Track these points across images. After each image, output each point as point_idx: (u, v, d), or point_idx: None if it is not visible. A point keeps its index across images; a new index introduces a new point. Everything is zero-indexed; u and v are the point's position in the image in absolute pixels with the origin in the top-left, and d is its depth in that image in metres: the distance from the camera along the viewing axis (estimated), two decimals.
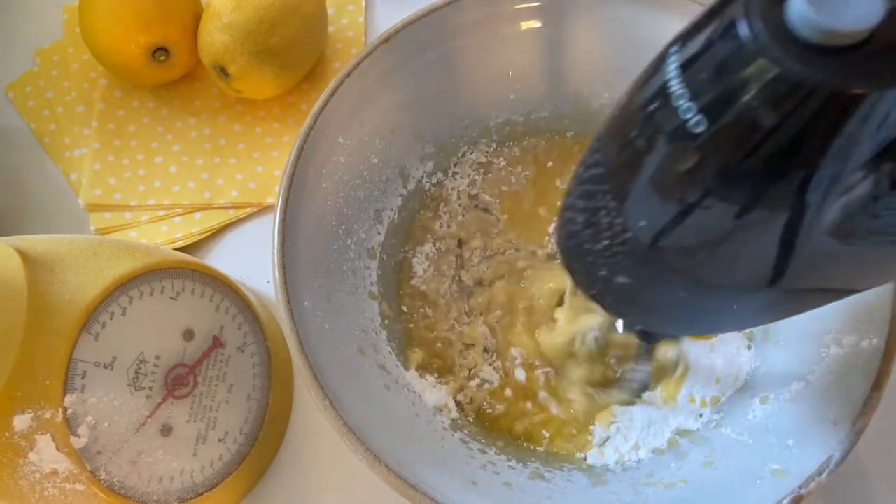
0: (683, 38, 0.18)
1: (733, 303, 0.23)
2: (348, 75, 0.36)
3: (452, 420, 0.36)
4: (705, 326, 0.28)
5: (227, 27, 0.42)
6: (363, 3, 0.51)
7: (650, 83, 0.19)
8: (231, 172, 0.46)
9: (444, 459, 0.33)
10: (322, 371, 0.31)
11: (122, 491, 0.32)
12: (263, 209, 0.45)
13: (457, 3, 0.38)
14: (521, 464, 0.35)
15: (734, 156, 0.17)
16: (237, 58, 0.43)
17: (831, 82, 0.15)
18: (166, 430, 0.33)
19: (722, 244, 0.19)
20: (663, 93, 0.18)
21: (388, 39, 0.37)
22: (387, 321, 0.38)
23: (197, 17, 0.45)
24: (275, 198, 0.34)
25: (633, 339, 0.37)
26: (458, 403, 0.37)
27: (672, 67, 0.18)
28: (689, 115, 0.17)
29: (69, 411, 0.30)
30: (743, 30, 0.16)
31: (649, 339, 0.35)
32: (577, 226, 0.23)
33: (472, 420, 0.37)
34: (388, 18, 0.51)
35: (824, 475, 0.29)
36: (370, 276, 0.38)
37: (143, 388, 0.33)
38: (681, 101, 0.17)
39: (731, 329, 0.30)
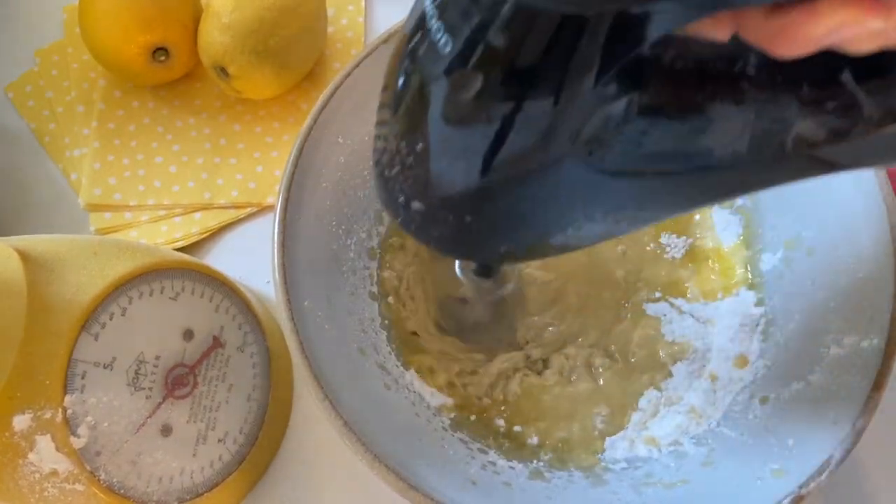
0: None
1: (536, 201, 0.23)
2: (348, 75, 0.36)
3: (452, 420, 0.36)
4: (512, 239, 0.27)
5: (227, 27, 0.42)
6: (363, 3, 0.51)
7: (413, 16, 0.21)
8: (231, 172, 0.46)
9: (444, 459, 0.33)
10: (322, 371, 0.31)
11: (122, 491, 0.32)
12: (263, 209, 0.45)
13: None
14: (521, 464, 0.35)
15: (492, 74, 0.19)
16: (237, 58, 0.43)
17: (547, 5, 0.17)
18: (166, 431, 0.33)
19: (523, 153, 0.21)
20: (423, 21, 0.19)
21: (388, 39, 0.37)
22: (387, 321, 0.38)
23: (197, 17, 0.45)
24: (275, 198, 0.34)
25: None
26: (457, 405, 0.37)
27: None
28: (438, 36, 0.19)
29: (69, 411, 0.30)
30: None
31: (486, 273, 0.36)
32: (377, 153, 0.24)
33: (472, 420, 0.37)
34: (388, 18, 0.51)
35: (824, 475, 0.29)
36: (370, 276, 0.38)
37: (143, 389, 0.33)
38: (432, 22, 0.19)
39: (557, 249, 0.28)
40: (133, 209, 0.45)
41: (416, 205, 0.24)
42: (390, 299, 0.39)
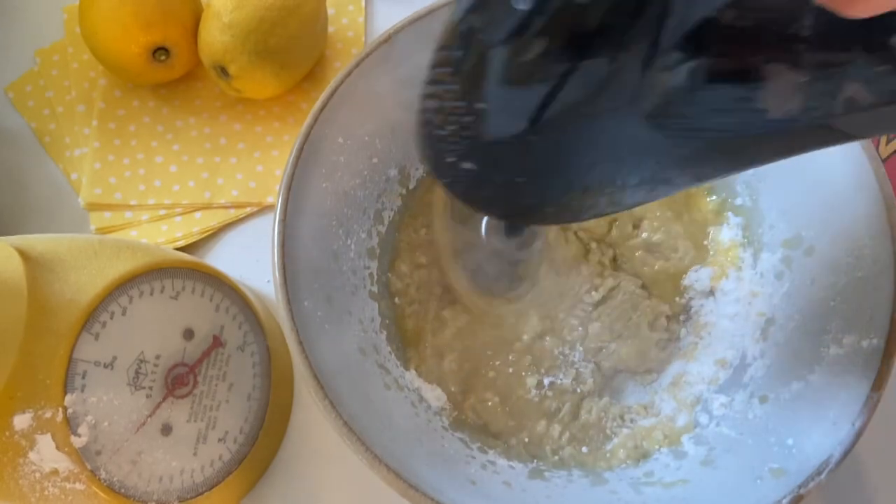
0: None
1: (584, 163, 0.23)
2: (348, 75, 0.36)
3: (452, 420, 0.37)
4: (554, 204, 0.28)
5: (227, 27, 0.42)
6: (363, 3, 0.51)
7: None
8: (231, 172, 0.46)
9: (444, 459, 0.33)
10: (322, 371, 0.31)
11: (122, 490, 0.32)
12: (263, 209, 0.45)
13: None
14: (521, 463, 0.35)
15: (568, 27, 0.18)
16: (237, 57, 0.43)
17: None
18: (166, 430, 0.33)
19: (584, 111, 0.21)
20: None
21: (388, 39, 0.37)
22: (387, 321, 0.38)
23: (197, 17, 0.45)
24: (275, 197, 0.34)
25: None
26: (456, 404, 0.37)
27: None
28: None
29: (69, 411, 0.30)
30: None
31: (515, 231, 0.36)
32: (429, 113, 0.23)
33: (472, 422, 0.37)
34: (388, 18, 0.51)
35: (824, 475, 0.29)
36: (370, 276, 0.38)
37: (144, 388, 0.33)
38: None
39: (595, 210, 0.28)
40: (133, 208, 0.45)
41: (467, 164, 0.23)
42: (396, 300, 0.39)
